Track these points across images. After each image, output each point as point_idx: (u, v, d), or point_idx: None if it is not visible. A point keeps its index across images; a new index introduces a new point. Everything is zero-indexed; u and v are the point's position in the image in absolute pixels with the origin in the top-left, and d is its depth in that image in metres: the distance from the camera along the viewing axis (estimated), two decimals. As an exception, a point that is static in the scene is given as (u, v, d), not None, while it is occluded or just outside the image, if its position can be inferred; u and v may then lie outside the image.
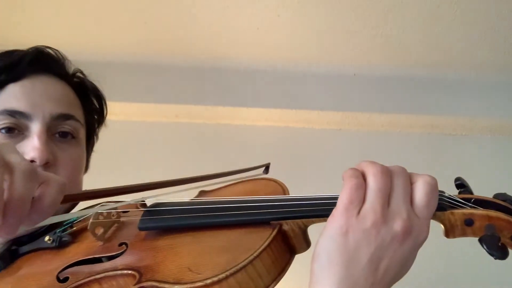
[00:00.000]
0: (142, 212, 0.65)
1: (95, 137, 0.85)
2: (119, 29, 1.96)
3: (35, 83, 0.71)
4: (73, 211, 0.75)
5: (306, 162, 2.12)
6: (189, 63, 2.17)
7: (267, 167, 0.78)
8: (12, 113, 0.67)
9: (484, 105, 2.21)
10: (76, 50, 0.96)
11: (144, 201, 0.70)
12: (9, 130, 0.67)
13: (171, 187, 0.60)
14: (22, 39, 2.01)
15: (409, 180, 0.49)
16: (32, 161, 0.66)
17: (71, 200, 0.50)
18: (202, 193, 0.72)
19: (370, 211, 0.47)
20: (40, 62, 0.73)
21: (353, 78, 2.25)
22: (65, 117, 0.72)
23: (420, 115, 2.20)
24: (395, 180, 0.49)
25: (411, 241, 0.47)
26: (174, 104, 2.14)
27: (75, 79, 0.79)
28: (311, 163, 2.12)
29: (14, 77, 0.70)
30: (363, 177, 0.50)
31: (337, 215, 0.48)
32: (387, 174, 0.49)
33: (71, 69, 0.79)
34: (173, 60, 2.16)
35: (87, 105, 0.80)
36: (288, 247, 0.55)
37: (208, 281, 0.48)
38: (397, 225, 0.47)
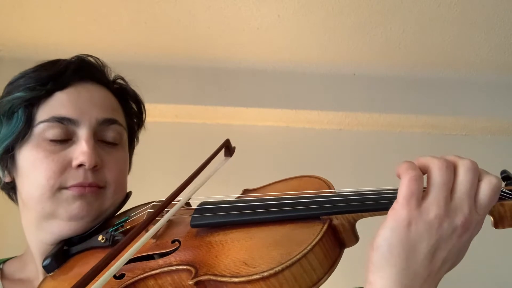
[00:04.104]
0: (190, 211, 0.67)
1: (135, 140, 0.88)
2: (119, 29, 1.96)
3: (80, 91, 0.74)
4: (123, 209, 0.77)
5: (306, 162, 2.12)
6: (189, 63, 2.17)
7: (227, 146, 0.77)
8: (60, 120, 0.70)
9: (484, 105, 2.21)
10: (76, 50, 0.96)
11: (189, 201, 0.73)
12: (58, 136, 0.70)
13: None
14: (22, 39, 2.01)
15: (477, 177, 0.50)
16: (81, 165, 0.69)
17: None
18: (246, 191, 0.73)
19: (433, 204, 0.48)
20: (83, 70, 0.77)
21: (353, 78, 2.25)
22: (110, 121, 0.75)
23: (420, 115, 2.20)
24: (461, 174, 0.49)
25: (469, 234, 0.49)
26: (174, 104, 2.15)
27: (115, 85, 0.82)
28: (311, 163, 2.12)
29: (61, 85, 0.73)
30: (422, 169, 0.51)
31: (398, 207, 0.49)
32: (451, 168, 0.50)
33: (111, 76, 0.82)
34: (173, 60, 2.16)
35: (127, 109, 0.84)
36: (338, 241, 0.56)
37: (265, 273, 0.49)
38: (459, 219, 0.48)
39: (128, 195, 0.79)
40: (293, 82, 2.21)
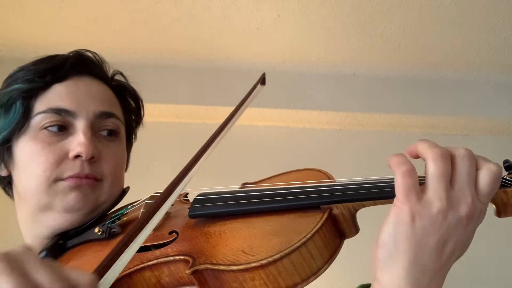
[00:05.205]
0: (187, 203, 0.67)
1: (133, 137, 0.88)
2: (119, 29, 1.96)
3: (78, 84, 0.75)
4: (119, 205, 0.77)
5: (306, 162, 2.11)
6: (189, 63, 2.17)
7: (263, 78, 0.79)
8: (57, 111, 0.70)
9: (484, 105, 2.21)
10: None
11: (187, 193, 0.73)
12: (55, 127, 0.70)
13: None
14: (22, 39, 2.01)
15: (475, 165, 0.49)
16: (78, 156, 0.69)
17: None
18: (245, 184, 0.73)
19: (434, 197, 0.47)
20: (81, 64, 0.77)
21: (353, 78, 2.25)
22: (107, 115, 0.75)
23: (420, 115, 2.21)
24: (459, 163, 0.49)
25: (473, 224, 0.49)
26: (174, 104, 2.15)
27: (113, 82, 0.82)
28: (311, 163, 2.11)
29: (59, 78, 0.73)
30: (414, 156, 0.50)
31: (399, 204, 0.48)
32: (447, 157, 0.49)
33: (109, 71, 0.82)
34: (173, 60, 2.16)
35: (125, 105, 0.84)
36: (338, 231, 0.56)
37: (264, 261, 0.49)
38: (462, 209, 0.47)
39: (125, 191, 0.78)
40: (293, 82, 2.21)
